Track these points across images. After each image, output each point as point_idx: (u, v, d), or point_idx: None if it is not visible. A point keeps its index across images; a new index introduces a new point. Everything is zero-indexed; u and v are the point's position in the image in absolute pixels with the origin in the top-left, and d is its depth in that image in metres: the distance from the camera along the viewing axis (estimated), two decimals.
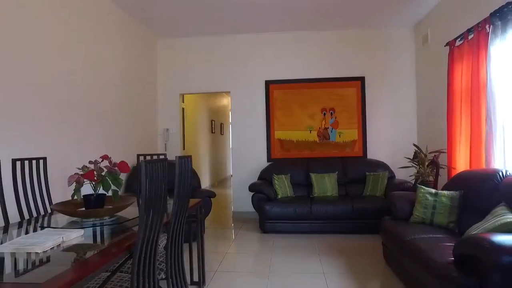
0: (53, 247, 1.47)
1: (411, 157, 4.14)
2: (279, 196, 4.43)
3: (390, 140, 5.03)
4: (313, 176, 4.60)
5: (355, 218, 4.06)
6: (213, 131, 9.36)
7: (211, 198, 4.12)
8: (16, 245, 1.46)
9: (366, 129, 5.05)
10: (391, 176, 4.58)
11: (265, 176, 4.76)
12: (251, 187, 4.46)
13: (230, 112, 7.48)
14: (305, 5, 4.19)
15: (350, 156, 5.03)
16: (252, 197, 4.40)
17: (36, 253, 1.41)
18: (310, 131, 5.12)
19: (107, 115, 3.92)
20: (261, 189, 4.38)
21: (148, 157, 3.06)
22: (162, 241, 2.34)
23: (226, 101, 10.53)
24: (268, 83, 5.19)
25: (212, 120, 9.21)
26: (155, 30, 5.03)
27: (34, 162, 2.36)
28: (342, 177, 4.69)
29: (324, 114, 5.11)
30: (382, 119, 5.06)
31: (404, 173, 4.42)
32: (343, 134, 5.08)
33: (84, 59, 3.51)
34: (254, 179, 4.88)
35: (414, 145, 4.19)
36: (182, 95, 5.56)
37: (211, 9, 4.24)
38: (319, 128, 5.12)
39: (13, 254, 1.41)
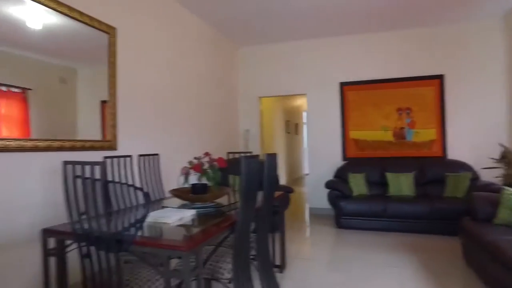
0: (179, 220, 1.96)
1: (497, 158, 3.96)
2: (354, 194, 4.60)
3: (473, 140, 4.81)
4: (388, 175, 4.66)
5: (433, 218, 4.04)
6: (288, 132, 9.73)
7: (289, 194, 4.48)
8: (154, 218, 1.99)
9: (445, 129, 4.91)
10: (475, 177, 4.40)
11: (341, 175, 4.95)
12: (328, 184, 4.70)
13: (304, 113, 7.74)
14: (380, 6, 4.29)
15: (428, 156, 4.94)
16: (328, 193, 4.65)
17: (167, 223, 1.91)
18: (385, 131, 5.16)
19: (202, 118, 4.56)
20: (337, 186, 4.60)
21: (237, 155, 3.53)
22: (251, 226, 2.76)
23: (300, 101, 10.82)
24: (342, 85, 5.37)
25: (287, 121, 9.58)
26: (236, 40, 5.58)
27: (151, 157, 2.98)
28: (419, 177, 4.65)
29: (400, 113, 5.10)
30: (464, 118, 4.86)
31: (489, 175, 4.23)
32: (420, 134, 5.01)
33: (185, 71, 4.16)
34: (329, 177, 5.11)
35: (501, 145, 4.00)
36: (261, 98, 6.02)
37: (286, 17, 4.60)
38: (395, 128, 5.12)
39: (153, 223, 1.93)
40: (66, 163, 1.59)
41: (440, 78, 4.93)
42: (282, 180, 8.64)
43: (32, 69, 2.36)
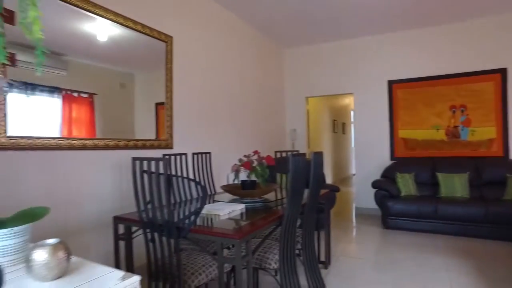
0: (229, 213, 2.14)
1: None
2: (402, 194, 4.50)
3: None
4: (439, 175, 4.50)
5: (488, 222, 3.84)
6: (335, 131, 9.64)
7: (335, 193, 4.51)
8: (207, 210, 2.19)
9: (508, 127, 4.61)
10: None
11: (388, 174, 4.86)
12: (374, 184, 4.66)
13: (352, 112, 7.64)
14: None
15: (486, 156, 4.67)
16: (375, 193, 4.61)
17: (219, 215, 2.09)
18: (437, 129, 4.96)
19: (251, 119, 4.76)
20: (384, 186, 4.54)
21: (284, 154, 3.65)
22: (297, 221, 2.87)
23: (348, 100, 10.65)
24: (391, 83, 5.26)
25: (334, 120, 9.50)
26: (282, 42, 5.69)
27: (203, 155, 3.21)
28: (474, 178, 4.42)
29: (454, 111, 4.87)
30: None
31: None
32: (476, 132, 4.75)
33: (234, 74, 4.38)
34: (376, 176, 5.04)
35: None
36: (307, 98, 6.08)
37: (331, 17, 4.62)
38: (447, 126, 4.91)
39: (207, 215, 2.13)
40: (134, 159, 1.83)
41: (501, 72, 4.63)
42: (329, 179, 8.60)
43: (98, 76, 2.67)
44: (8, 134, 1.99)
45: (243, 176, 2.73)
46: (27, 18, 0.91)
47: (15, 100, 2.05)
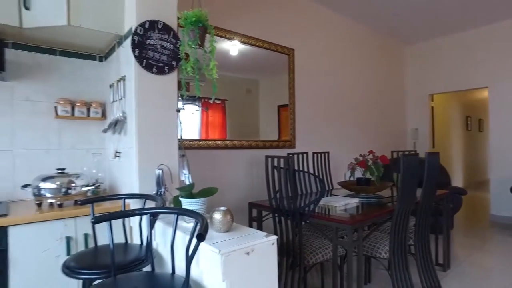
0: (344, 205, 2.44)
1: None
2: None
3: None
4: None
5: None
6: (469, 128, 8.65)
7: (462, 196, 4.24)
8: (325, 201, 2.54)
9: None
10: None
11: None
12: None
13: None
14: None
15: None
16: None
17: (335, 206, 2.42)
18: None
19: (367, 119, 4.88)
20: None
21: (401, 154, 3.68)
22: (411, 221, 2.95)
23: (486, 93, 9.36)
24: None
25: (467, 117, 8.54)
26: (401, 38, 5.54)
27: (322, 154, 3.56)
28: None
29: None
30: None
31: None
32: None
33: (350, 75, 4.59)
34: None
35: None
36: (431, 95, 5.75)
37: (454, 6, 4.32)
38: None
39: (324, 205, 2.48)
40: (267, 157, 2.32)
41: None
42: (458, 182, 7.82)
43: (228, 84, 3.21)
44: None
45: (358, 173, 2.97)
46: (209, 66, 1.44)
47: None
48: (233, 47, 3.19)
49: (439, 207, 3.14)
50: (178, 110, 1.84)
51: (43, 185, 1.88)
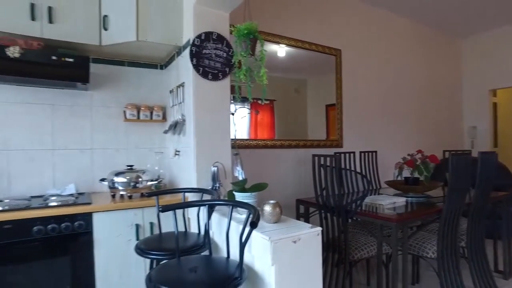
0: (391, 204, 2.47)
1: None
2: None
3: None
4: None
5: None
6: None
7: None
8: (371, 199, 2.58)
9: None
10: None
11: None
12: None
13: None
14: None
15: None
16: None
17: (381, 205, 2.45)
18: None
19: (417, 117, 4.74)
20: None
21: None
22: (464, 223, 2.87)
23: None
24: None
25: None
26: (457, 32, 5.28)
27: (369, 153, 3.57)
28: None
29: None
30: None
31: None
32: None
33: (399, 74, 4.50)
34: None
35: None
36: (493, 91, 5.40)
37: None
38: None
39: (370, 203, 2.53)
40: (314, 155, 2.43)
41: None
42: None
43: (277, 84, 3.32)
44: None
45: (406, 173, 2.96)
46: (260, 73, 1.60)
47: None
48: (280, 49, 3.32)
49: (497, 210, 3.01)
50: (233, 113, 2.03)
51: (116, 179, 2.17)
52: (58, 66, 2.02)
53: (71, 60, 2.05)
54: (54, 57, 2.00)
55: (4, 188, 2.23)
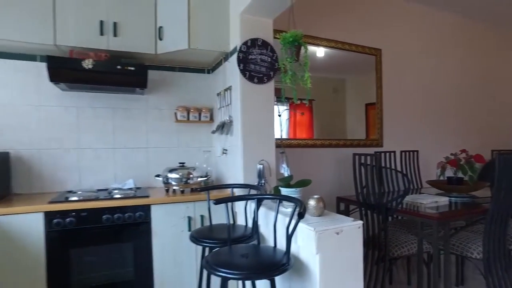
0: (432, 203, 2.49)
1: None
2: None
3: None
4: None
5: None
6: None
7: None
8: (412, 198, 2.61)
9: None
10: None
11: None
12: None
13: None
14: None
15: None
16: None
17: (422, 203, 2.48)
18: None
19: (463, 116, 4.61)
20: None
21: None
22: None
23: None
24: None
25: None
26: (508, 26, 5.04)
27: (411, 153, 3.55)
28: None
29: None
30: None
31: None
32: None
33: (444, 71, 4.40)
34: None
35: None
36: None
37: None
38: None
39: (411, 202, 2.56)
40: (354, 154, 2.51)
41: None
42: None
43: (315, 84, 3.29)
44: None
45: (449, 173, 2.94)
46: (303, 77, 1.72)
47: None
48: (319, 49, 3.40)
49: None
50: (280, 115, 2.17)
51: (170, 175, 2.39)
52: (122, 74, 2.27)
53: (132, 68, 2.30)
54: (118, 67, 2.25)
55: (76, 181, 2.54)
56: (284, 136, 3.19)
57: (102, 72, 2.22)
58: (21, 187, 2.41)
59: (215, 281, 2.21)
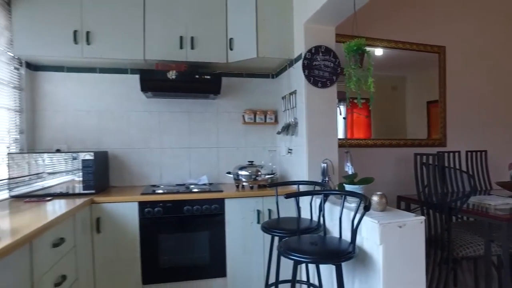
0: (502, 204, 2.44)
1: None
2: None
3: None
4: None
5: None
6: None
7: None
8: (479, 199, 2.58)
9: None
10: None
11: None
12: None
13: None
14: None
15: None
16: None
17: (490, 204, 2.44)
18: None
19: None
20: None
21: None
22: None
23: None
24: None
25: None
26: None
27: (478, 153, 3.44)
28: None
29: None
30: None
31: None
32: None
33: None
34: None
35: None
36: None
37: None
38: None
39: (477, 203, 2.53)
40: (416, 154, 2.55)
41: None
42: None
43: (373, 83, 3.38)
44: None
45: None
46: (367, 82, 1.85)
47: None
48: (378, 49, 3.44)
49: None
50: (345, 118, 2.31)
51: (240, 172, 2.65)
52: (200, 82, 2.59)
53: (208, 77, 2.60)
54: (196, 76, 2.57)
55: (158, 177, 2.92)
56: (341, 136, 3.29)
57: (184, 81, 2.55)
58: (116, 181, 2.84)
59: (284, 268, 2.42)
